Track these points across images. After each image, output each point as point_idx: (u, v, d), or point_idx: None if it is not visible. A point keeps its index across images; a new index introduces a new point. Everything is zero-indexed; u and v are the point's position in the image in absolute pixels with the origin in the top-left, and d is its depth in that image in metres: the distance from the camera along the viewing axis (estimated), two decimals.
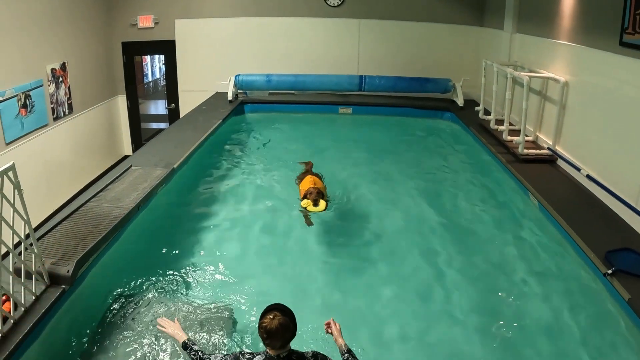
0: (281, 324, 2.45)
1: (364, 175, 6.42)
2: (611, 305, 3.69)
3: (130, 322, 3.49)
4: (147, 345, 3.29)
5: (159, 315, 3.50)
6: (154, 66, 13.76)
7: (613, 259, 3.82)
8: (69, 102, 8.01)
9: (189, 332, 3.26)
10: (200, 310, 3.59)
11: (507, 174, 6.03)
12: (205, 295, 3.88)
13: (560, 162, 5.94)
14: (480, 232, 5.00)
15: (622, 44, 4.66)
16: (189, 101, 9.34)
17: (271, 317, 2.47)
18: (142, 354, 3.23)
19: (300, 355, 2.57)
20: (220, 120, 7.74)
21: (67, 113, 7.97)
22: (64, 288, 3.40)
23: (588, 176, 5.21)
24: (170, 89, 9.94)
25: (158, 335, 3.30)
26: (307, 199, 4.91)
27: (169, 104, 10.06)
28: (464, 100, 8.77)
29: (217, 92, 9.41)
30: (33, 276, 3.22)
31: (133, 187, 4.95)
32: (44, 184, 7.37)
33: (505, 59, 7.64)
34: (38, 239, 3.59)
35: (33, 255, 3.22)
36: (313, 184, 5.17)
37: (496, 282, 4.17)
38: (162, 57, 10.82)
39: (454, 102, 8.92)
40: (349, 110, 9.04)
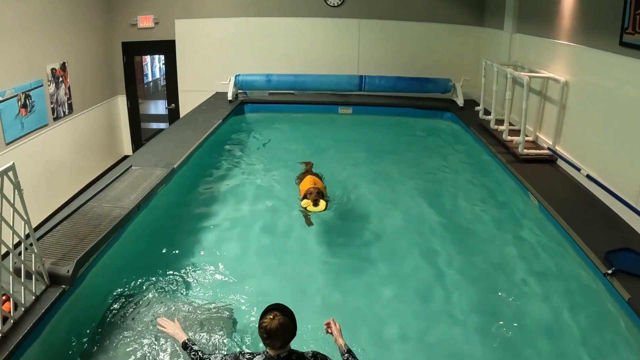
0: (281, 324, 2.45)
1: (364, 175, 6.42)
2: (611, 305, 3.69)
3: (130, 322, 3.49)
4: (147, 345, 3.29)
5: (159, 315, 3.50)
6: (154, 66, 13.75)
7: (613, 259, 3.82)
8: (69, 102, 8.01)
9: (189, 332, 3.26)
10: (200, 310, 3.60)
11: (507, 174, 6.03)
12: (205, 295, 3.89)
13: (560, 162, 5.94)
14: (480, 232, 5.00)
15: (622, 44, 4.66)
16: (189, 101, 9.34)
17: (271, 317, 2.47)
18: (142, 354, 3.23)
19: (300, 355, 2.57)
20: (220, 120, 7.74)
21: (67, 113, 7.97)
22: (64, 288, 3.40)
23: (588, 176, 5.21)
24: (170, 89, 9.94)
25: (158, 335, 3.30)
26: (307, 199, 4.91)
27: (169, 104, 10.06)
28: (464, 100, 8.77)
29: (217, 92, 9.42)
30: (33, 276, 3.22)
31: (133, 187, 4.95)
32: (44, 184, 7.37)
33: (505, 59, 7.64)
34: (38, 239, 3.59)
35: (33, 255, 3.22)
36: (313, 184, 5.17)
37: (496, 282, 4.18)
38: (162, 57, 10.83)
39: (454, 102, 8.92)
40: (349, 110, 9.04)
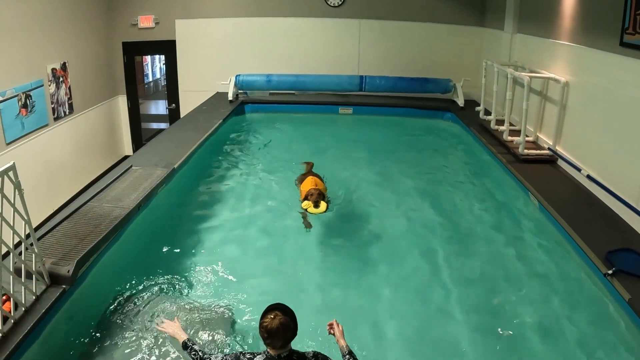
0: (282, 324, 2.45)
1: (364, 175, 6.42)
2: (611, 305, 3.69)
3: (131, 322, 3.49)
4: (147, 345, 3.29)
5: (159, 315, 3.51)
6: (154, 66, 13.76)
7: (613, 259, 3.82)
8: (69, 102, 8.01)
9: (189, 331, 3.26)
10: (200, 310, 3.60)
11: (507, 174, 6.03)
12: (205, 295, 3.89)
13: (560, 162, 5.94)
14: (480, 233, 5.00)
15: (623, 44, 4.66)
16: (189, 101, 9.35)
17: (272, 316, 2.47)
18: (142, 354, 3.23)
19: (301, 355, 2.57)
20: (221, 121, 7.74)
21: (67, 113, 7.97)
22: (64, 288, 3.40)
23: (588, 176, 5.21)
24: (171, 89, 9.94)
25: (158, 335, 3.30)
26: (308, 200, 4.90)
27: (169, 104, 10.06)
28: (465, 101, 8.77)
29: (218, 92, 9.42)
30: (33, 276, 3.22)
31: (133, 187, 4.95)
32: (44, 184, 7.37)
33: (506, 59, 7.64)
34: (38, 239, 3.59)
35: (33, 255, 3.22)
36: (314, 185, 5.14)
37: (496, 282, 4.18)
38: (163, 57, 10.83)
39: (454, 103, 8.92)
40: (350, 110, 9.04)
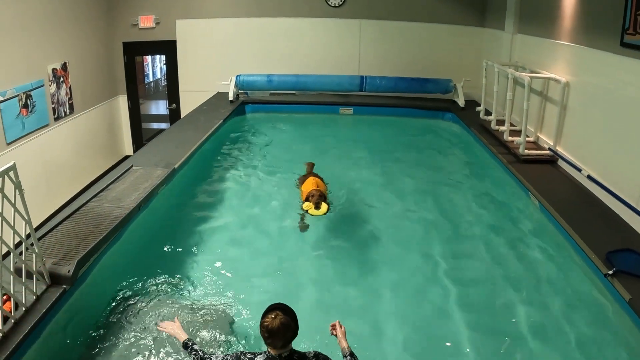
0: (283, 324, 2.45)
1: (365, 175, 6.42)
2: (611, 306, 3.69)
3: (131, 322, 3.49)
4: (147, 345, 3.29)
5: (160, 315, 3.51)
6: (154, 66, 13.76)
7: (614, 260, 3.82)
8: (70, 102, 8.02)
9: (189, 331, 3.26)
10: (201, 310, 3.60)
11: (507, 174, 6.03)
12: (206, 295, 3.89)
13: (561, 162, 5.94)
14: (480, 233, 5.00)
15: (623, 44, 4.66)
16: (190, 101, 9.35)
17: (273, 316, 2.47)
18: (142, 354, 3.23)
19: (301, 355, 2.57)
20: (221, 121, 7.74)
21: (68, 113, 7.97)
22: (64, 288, 3.41)
23: (589, 177, 5.21)
24: (171, 89, 9.94)
25: (158, 335, 3.30)
26: (309, 201, 4.90)
27: (170, 104, 10.06)
28: (465, 101, 8.77)
29: (218, 92, 9.43)
30: (34, 276, 3.23)
31: (134, 187, 4.95)
32: (44, 184, 7.37)
33: (506, 59, 7.64)
34: (39, 239, 3.59)
35: (34, 255, 3.22)
36: (316, 186, 5.14)
37: (496, 283, 4.18)
38: (163, 57, 10.83)
39: (454, 103, 8.92)
40: (350, 110, 9.04)
